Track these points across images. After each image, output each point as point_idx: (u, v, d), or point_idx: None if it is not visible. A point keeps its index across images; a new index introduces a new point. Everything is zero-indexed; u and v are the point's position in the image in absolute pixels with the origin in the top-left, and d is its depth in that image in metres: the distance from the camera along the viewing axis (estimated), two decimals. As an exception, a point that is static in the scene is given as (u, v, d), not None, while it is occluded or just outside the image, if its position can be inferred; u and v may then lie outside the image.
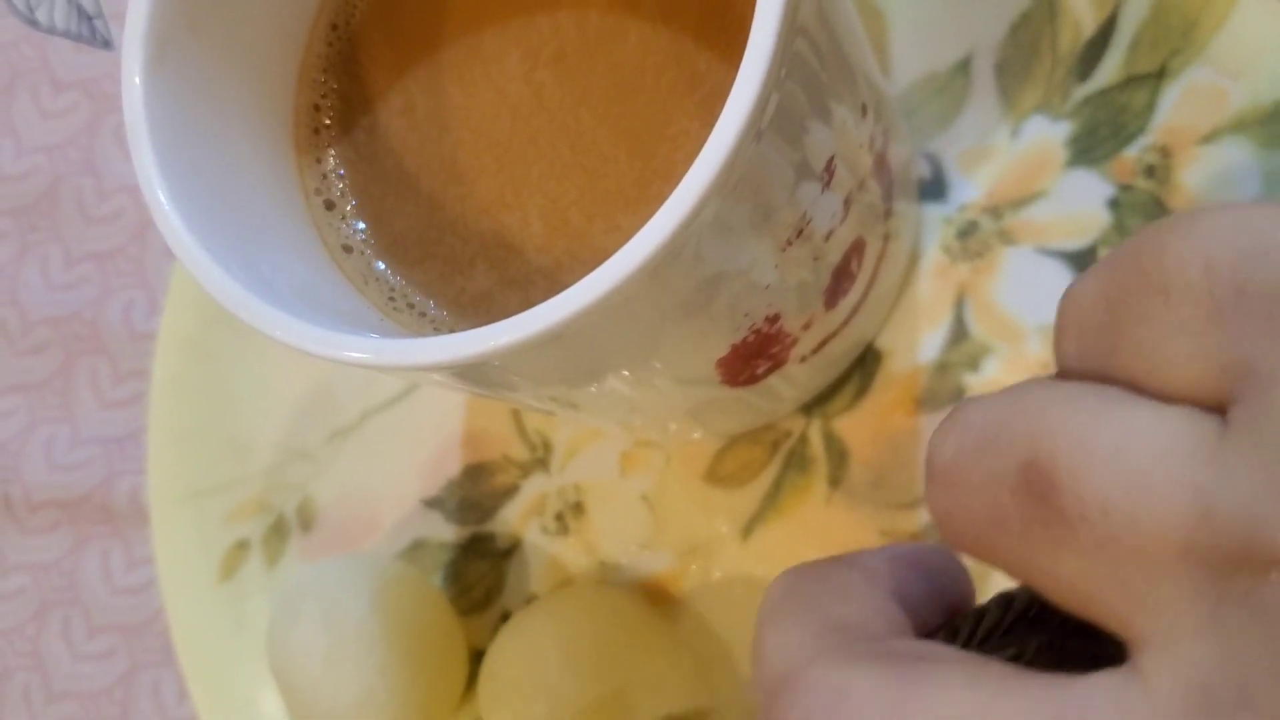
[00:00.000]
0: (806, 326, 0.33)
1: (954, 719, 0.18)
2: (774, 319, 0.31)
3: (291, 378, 0.46)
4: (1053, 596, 0.19)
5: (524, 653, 0.39)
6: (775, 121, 0.25)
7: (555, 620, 0.39)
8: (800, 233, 0.29)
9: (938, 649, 0.21)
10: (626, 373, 0.30)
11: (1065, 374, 0.20)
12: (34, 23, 0.44)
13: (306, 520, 0.45)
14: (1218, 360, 0.17)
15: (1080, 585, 0.18)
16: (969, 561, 0.23)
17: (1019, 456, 0.18)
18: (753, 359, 0.32)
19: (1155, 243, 0.18)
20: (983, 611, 0.23)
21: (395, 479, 0.44)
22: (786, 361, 0.34)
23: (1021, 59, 0.39)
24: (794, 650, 0.21)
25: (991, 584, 0.23)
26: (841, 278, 0.33)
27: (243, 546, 0.45)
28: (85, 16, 0.45)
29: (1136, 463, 0.17)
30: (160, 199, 0.27)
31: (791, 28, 0.25)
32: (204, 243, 0.27)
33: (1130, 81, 0.38)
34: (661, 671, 0.39)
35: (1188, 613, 0.17)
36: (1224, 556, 0.16)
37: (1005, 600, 0.23)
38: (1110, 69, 0.38)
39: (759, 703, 0.22)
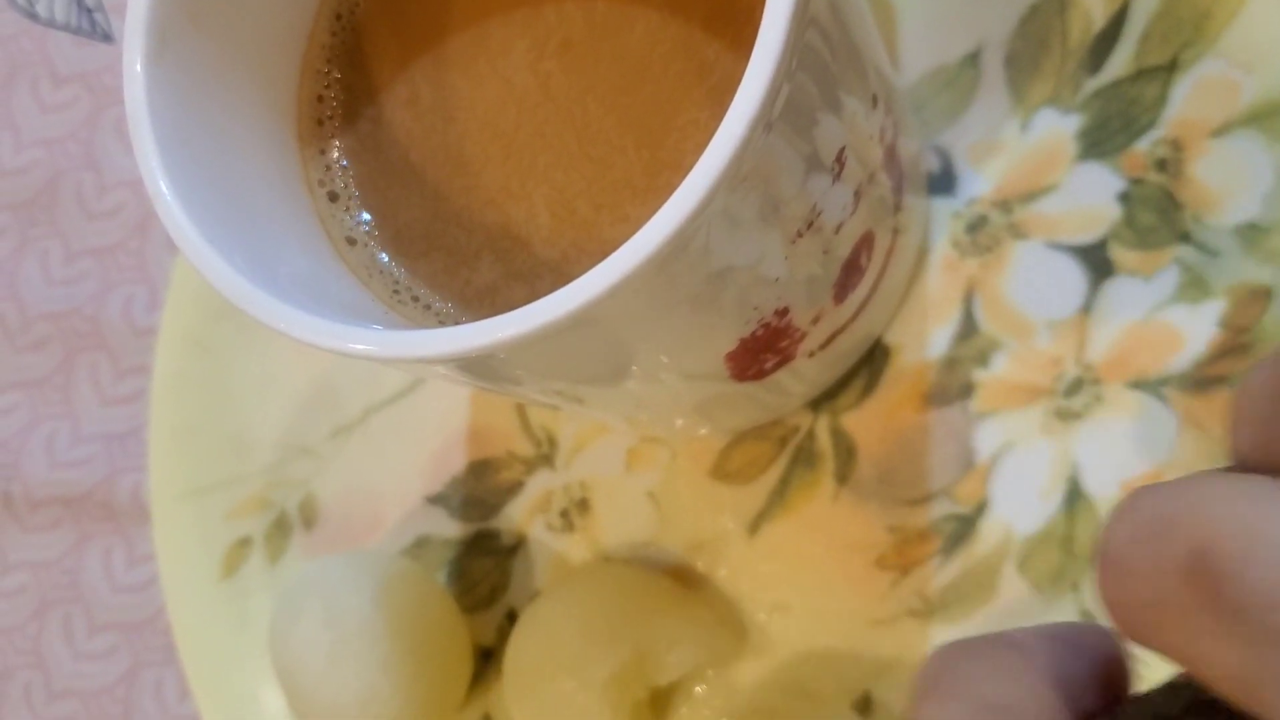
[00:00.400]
0: (815, 321, 0.33)
1: None
2: (783, 312, 0.31)
3: (294, 373, 0.45)
4: (1217, 687, 0.19)
5: (539, 639, 0.39)
6: (786, 112, 0.25)
7: (564, 602, 0.39)
8: (810, 225, 0.29)
9: None
10: (634, 367, 0.30)
11: (1240, 466, 0.20)
12: (34, 16, 0.44)
13: (309, 517, 0.45)
14: None
15: (1244, 677, 0.18)
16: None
17: (1188, 544, 0.19)
18: (761, 353, 0.32)
19: None
20: (1148, 699, 0.23)
21: (399, 475, 0.44)
22: (795, 356, 0.34)
23: (1031, 51, 0.39)
24: None
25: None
26: (851, 271, 0.33)
27: (245, 544, 0.45)
28: (85, 9, 0.45)
29: None
30: (163, 191, 0.27)
31: (803, 18, 0.24)
32: (207, 235, 0.27)
33: (1141, 74, 0.37)
34: (678, 628, 0.38)
35: None
36: None
37: (1172, 689, 0.22)
38: (1121, 61, 0.38)
39: None
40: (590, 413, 0.39)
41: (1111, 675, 0.23)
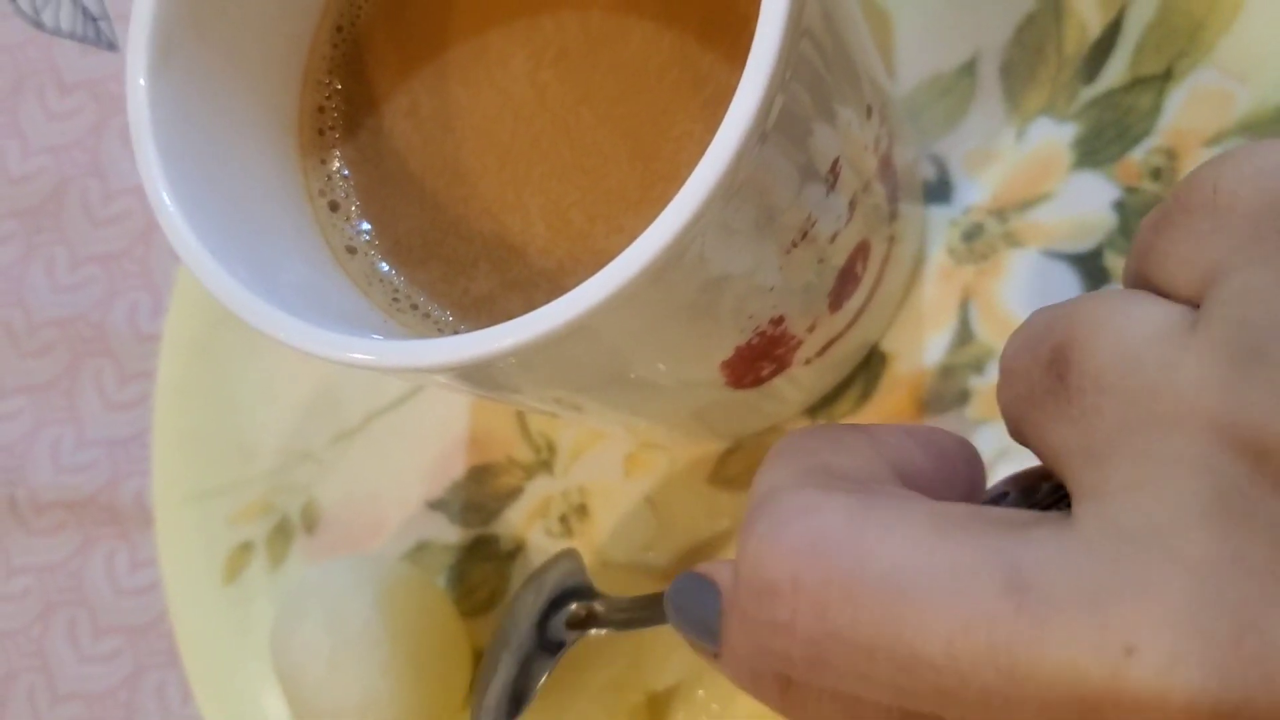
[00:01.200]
0: (811, 329, 0.33)
1: (907, 538, 0.20)
2: (778, 321, 0.31)
3: (296, 379, 0.46)
4: (1051, 466, 0.22)
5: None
6: (780, 123, 0.25)
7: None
8: (805, 235, 0.29)
9: (913, 492, 0.23)
10: (631, 375, 0.30)
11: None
12: (39, 24, 0.44)
13: (311, 522, 0.45)
14: (1203, 265, 0.20)
15: (1061, 449, 0.21)
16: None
17: (1053, 341, 0.21)
18: (757, 361, 0.32)
19: (1197, 171, 0.21)
20: (1001, 495, 0.25)
21: (399, 481, 0.44)
22: (791, 364, 0.34)
23: (1027, 61, 0.39)
24: (779, 480, 0.23)
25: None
26: (846, 280, 0.33)
27: (247, 548, 0.45)
28: (90, 18, 0.45)
29: (1130, 344, 0.20)
30: (165, 201, 0.27)
31: (796, 29, 0.25)
32: (208, 245, 0.27)
33: (1136, 84, 0.38)
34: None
35: (1127, 469, 0.20)
36: (1167, 422, 0.19)
37: (1020, 481, 0.25)
38: (1116, 71, 0.38)
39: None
40: (588, 419, 0.40)
41: (964, 478, 0.26)
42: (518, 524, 0.43)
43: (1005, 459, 0.37)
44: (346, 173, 0.33)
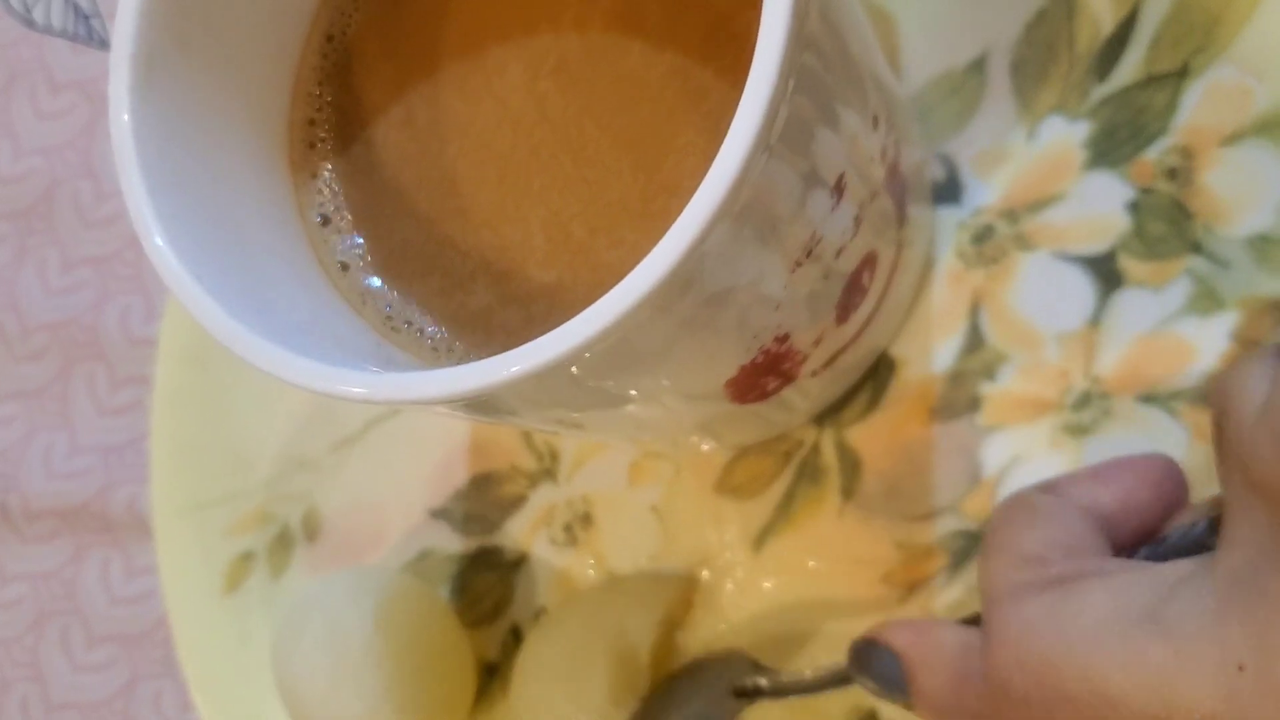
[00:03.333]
0: (817, 342, 0.32)
1: (1096, 620, 0.25)
2: (783, 338, 0.30)
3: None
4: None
5: (545, 658, 0.39)
6: (784, 136, 0.24)
7: (568, 623, 0.39)
8: (810, 253, 0.28)
9: (1094, 564, 0.27)
10: (633, 393, 0.30)
11: None
12: (30, 23, 0.43)
13: (311, 531, 0.44)
14: None
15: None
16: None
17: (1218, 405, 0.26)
18: (762, 377, 0.32)
19: None
20: (1187, 524, 0.29)
21: (401, 489, 0.44)
22: (797, 377, 0.33)
23: (1038, 58, 0.38)
24: (998, 580, 0.28)
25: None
26: (853, 292, 0.32)
27: (247, 558, 0.45)
28: (82, 16, 0.45)
29: (1242, 419, 0.24)
30: (150, 227, 0.26)
31: (798, 40, 0.24)
32: (196, 271, 0.26)
33: (1151, 81, 0.37)
34: (624, 599, 0.39)
35: (1239, 526, 0.24)
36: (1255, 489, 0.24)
37: (1217, 507, 0.28)
38: (1130, 68, 0.37)
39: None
40: (590, 436, 0.39)
41: (1163, 495, 0.30)
42: (521, 533, 0.42)
43: (1017, 465, 0.37)
44: (338, 186, 0.32)
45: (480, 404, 0.27)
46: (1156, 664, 0.24)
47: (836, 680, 0.34)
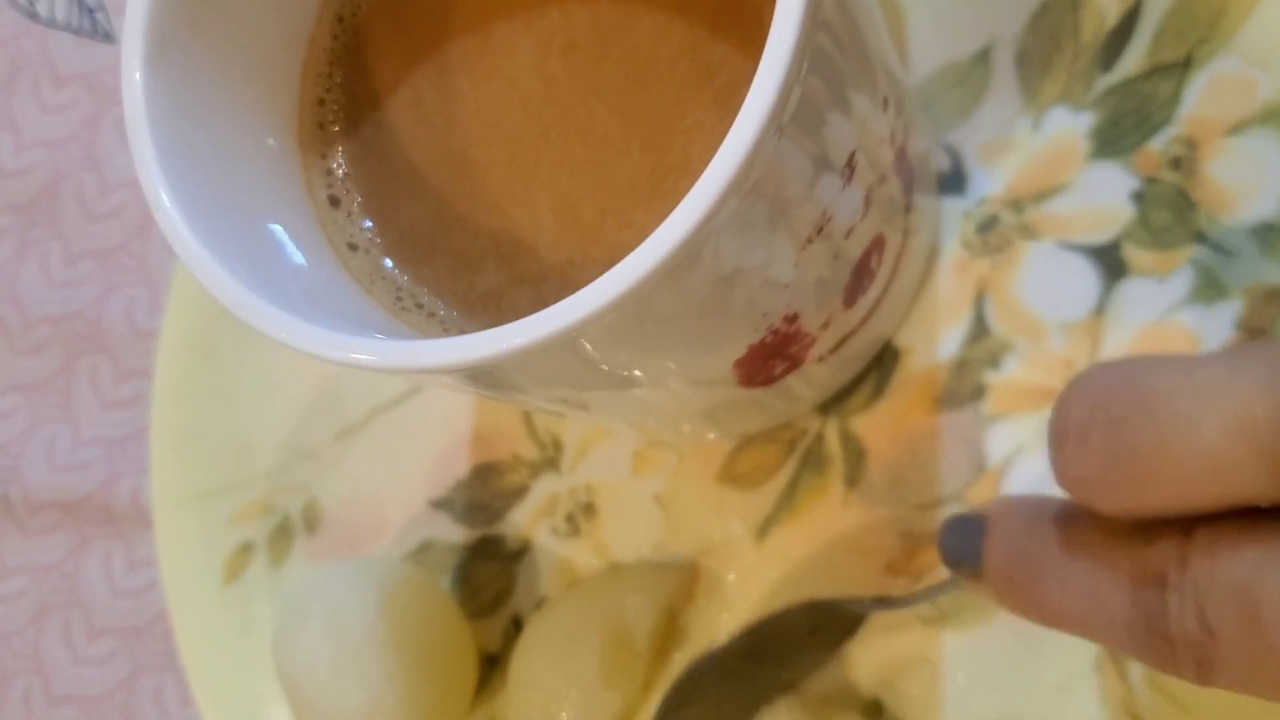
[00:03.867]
0: (825, 325, 0.32)
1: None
2: (792, 319, 0.30)
3: (297, 376, 0.45)
4: None
5: (545, 648, 0.39)
6: (797, 116, 0.24)
7: (569, 612, 0.39)
8: (820, 230, 0.28)
9: None
10: (640, 374, 0.30)
11: None
12: (34, 15, 0.43)
13: (312, 521, 0.44)
14: None
15: None
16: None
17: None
18: (770, 359, 0.32)
19: None
20: None
21: (403, 479, 0.44)
22: (804, 361, 0.33)
23: (1043, 48, 0.38)
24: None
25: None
26: (861, 275, 0.32)
27: (248, 549, 0.45)
28: (86, 9, 0.44)
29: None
30: (162, 199, 0.26)
31: (814, 19, 0.24)
32: (206, 242, 0.26)
33: (1155, 71, 0.37)
34: (622, 583, 0.39)
35: None
36: None
37: None
38: (1134, 58, 0.37)
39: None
40: (595, 419, 0.39)
41: None
42: (524, 523, 0.42)
43: (1022, 454, 0.37)
44: (347, 167, 0.32)
45: (488, 377, 0.27)
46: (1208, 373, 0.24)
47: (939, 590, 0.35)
